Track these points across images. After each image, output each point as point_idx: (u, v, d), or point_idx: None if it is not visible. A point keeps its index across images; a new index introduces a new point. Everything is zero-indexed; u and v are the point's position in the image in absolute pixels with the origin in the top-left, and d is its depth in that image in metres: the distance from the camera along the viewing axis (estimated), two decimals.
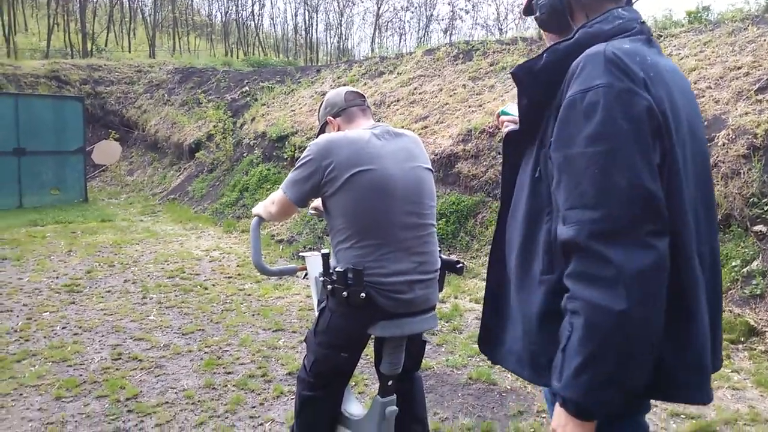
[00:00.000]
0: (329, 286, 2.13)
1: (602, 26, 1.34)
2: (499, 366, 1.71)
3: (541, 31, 1.54)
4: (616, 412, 1.18)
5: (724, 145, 5.21)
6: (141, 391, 3.56)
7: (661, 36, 7.73)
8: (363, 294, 2.07)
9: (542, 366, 1.33)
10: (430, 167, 2.34)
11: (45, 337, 4.41)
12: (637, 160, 1.16)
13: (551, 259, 1.31)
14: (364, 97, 2.41)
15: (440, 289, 2.34)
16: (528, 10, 1.59)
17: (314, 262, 2.59)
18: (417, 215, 2.20)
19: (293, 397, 2.91)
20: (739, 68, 6.03)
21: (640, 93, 1.20)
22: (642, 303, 1.12)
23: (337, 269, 2.10)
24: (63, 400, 3.44)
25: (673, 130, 1.24)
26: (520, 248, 1.39)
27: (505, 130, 1.66)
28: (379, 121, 2.41)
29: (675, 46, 7.27)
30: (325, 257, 2.22)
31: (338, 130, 2.34)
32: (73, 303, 5.27)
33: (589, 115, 1.19)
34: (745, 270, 4.54)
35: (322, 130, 2.43)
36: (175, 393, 3.56)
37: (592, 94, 1.19)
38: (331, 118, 2.37)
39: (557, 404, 1.20)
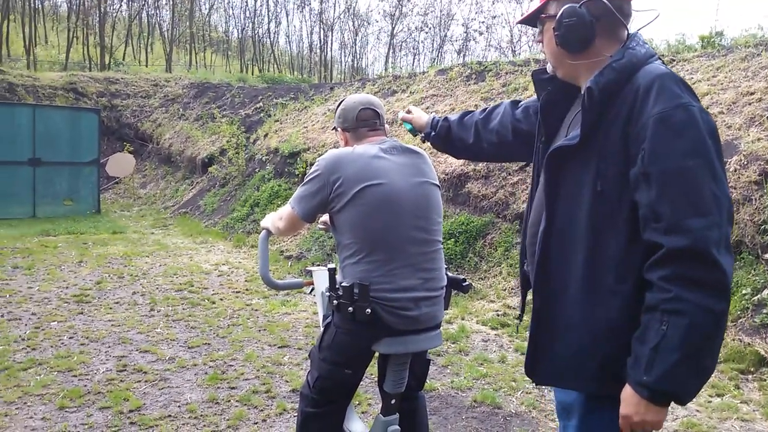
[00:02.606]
0: (335, 302, 2.13)
1: (638, 49, 1.46)
2: (546, 388, 1.80)
3: (546, 47, 1.59)
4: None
5: (735, 171, 5.19)
6: (144, 404, 3.56)
7: (674, 60, 7.73)
8: (368, 310, 2.06)
9: (611, 375, 1.42)
10: (437, 183, 2.34)
11: (52, 347, 4.43)
12: (721, 171, 1.32)
13: (624, 270, 1.40)
14: (378, 114, 2.35)
15: (446, 307, 2.33)
16: (531, 21, 1.61)
17: (321, 277, 2.58)
18: (424, 231, 2.19)
19: (296, 414, 2.90)
20: (751, 94, 6.01)
21: (708, 112, 1.36)
22: (728, 300, 1.30)
23: (343, 284, 2.10)
24: (66, 410, 3.44)
25: None
26: (586, 261, 1.45)
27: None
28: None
29: (688, 70, 7.26)
30: (332, 272, 2.22)
31: (346, 142, 2.36)
32: (82, 313, 5.29)
33: (682, 130, 1.31)
34: (755, 298, 4.48)
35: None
36: (178, 407, 3.55)
37: (681, 112, 1.32)
38: (341, 130, 2.38)
39: (631, 394, 1.34)
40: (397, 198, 2.14)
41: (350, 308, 2.08)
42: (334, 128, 2.43)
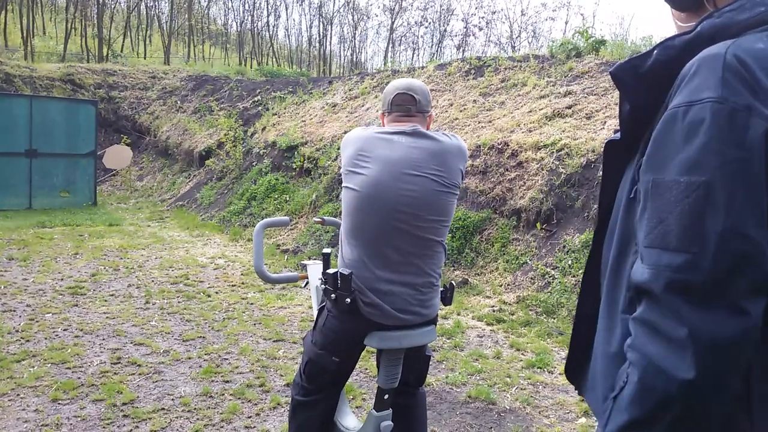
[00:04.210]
0: (323, 287, 2.16)
1: (735, 16, 1.04)
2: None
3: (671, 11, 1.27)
4: None
5: None
6: (138, 397, 3.55)
7: None
8: (348, 300, 2.07)
9: None
10: (447, 178, 2.19)
11: (46, 339, 4.41)
12: (741, 199, 0.93)
13: (632, 296, 1.13)
14: (415, 99, 2.25)
15: (447, 303, 2.34)
16: None
17: (315, 271, 2.59)
18: (412, 226, 2.11)
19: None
20: None
21: (760, 111, 0.94)
22: (716, 376, 0.92)
23: (327, 271, 2.13)
24: (60, 402, 3.43)
25: None
26: (609, 278, 1.21)
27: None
28: None
29: None
30: (326, 257, 2.26)
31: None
32: (76, 305, 5.28)
33: (690, 135, 0.97)
34: None
35: None
36: (172, 400, 3.54)
37: (698, 110, 0.97)
38: (380, 114, 2.36)
39: None
40: (378, 189, 2.09)
41: (333, 295, 2.10)
42: None
